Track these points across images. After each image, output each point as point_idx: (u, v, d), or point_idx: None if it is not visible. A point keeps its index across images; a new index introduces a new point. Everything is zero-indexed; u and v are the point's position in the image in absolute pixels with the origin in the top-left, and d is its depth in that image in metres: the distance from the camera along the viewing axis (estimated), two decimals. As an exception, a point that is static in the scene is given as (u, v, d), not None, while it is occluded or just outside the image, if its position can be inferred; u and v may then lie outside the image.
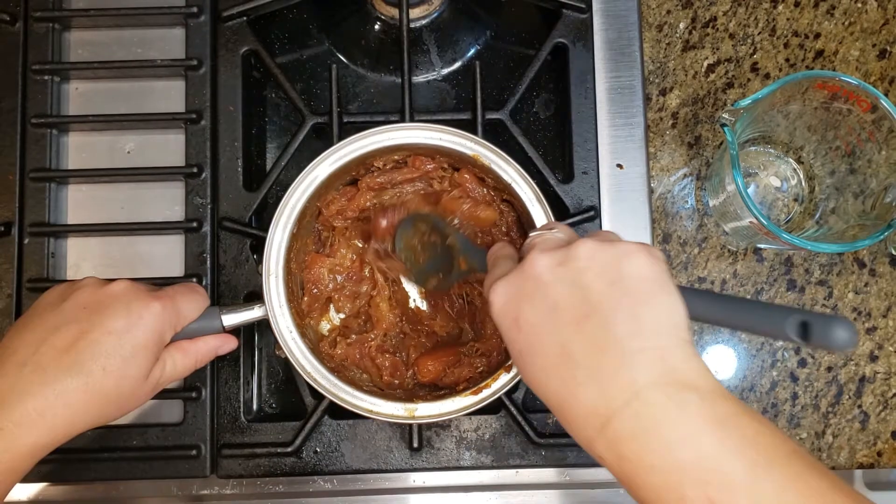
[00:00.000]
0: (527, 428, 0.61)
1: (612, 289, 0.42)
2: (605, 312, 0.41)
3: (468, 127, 0.63)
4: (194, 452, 0.61)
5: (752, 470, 0.37)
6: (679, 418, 0.38)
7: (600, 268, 0.42)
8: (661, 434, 0.38)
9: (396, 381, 0.61)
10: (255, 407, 0.65)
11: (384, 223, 0.59)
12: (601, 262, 0.43)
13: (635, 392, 0.39)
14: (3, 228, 0.64)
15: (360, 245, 0.65)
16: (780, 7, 0.70)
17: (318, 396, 0.62)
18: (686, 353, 0.40)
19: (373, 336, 0.62)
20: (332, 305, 0.64)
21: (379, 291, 0.64)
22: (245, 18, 0.67)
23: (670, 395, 0.39)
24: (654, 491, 0.38)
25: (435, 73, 0.72)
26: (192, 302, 0.54)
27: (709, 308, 0.44)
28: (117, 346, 0.49)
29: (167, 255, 0.66)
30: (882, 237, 0.56)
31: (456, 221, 0.60)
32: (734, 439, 0.38)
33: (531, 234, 0.50)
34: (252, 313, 0.57)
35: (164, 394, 0.59)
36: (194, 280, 0.63)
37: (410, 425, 0.62)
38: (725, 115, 0.57)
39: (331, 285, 0.63)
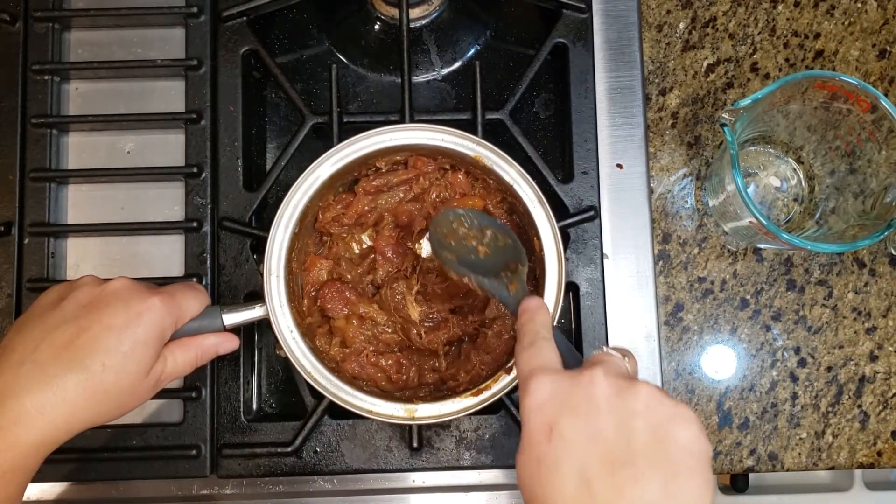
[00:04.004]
0: (527, 428, 0.61)
1: (656, 447, 0.40)
2: (643, 469, 0.40)
3: (468, 127, 0.63)
4: (194, 452, 0.61)
5: None
6: None
7: (654, 420, 0.41)
8: None
9: (404, 378, 0.61)
10: (255, 407, 0.65)
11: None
12: (657, 415, 0.41)
13: None
14: (3, 228, 0.64)
15: (357, 251, 0.64)
16: (780, 7, 0.70)
17: (318, 396, 0.62)
18: None
19: (362, 346, 0.62)
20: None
21: (337, 314, 0.62)
22: (245, 18, 0.67)
23: None
24: None
25: (435, 73, 0.72)
26: (193, 299, 0.54)
27: None
28: (117, 343, 0.49)
29: (167, 255, 0.66)
30: (882, 237, 0.56)
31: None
32: None
33: (602, 350, 0.47)
34: (253, 313, 0.57)
35: (164, 394, 0.59)
36: (194, 280, 0.63)
37: (410, 425, 0.62)
38: (725, 115, 0.57)
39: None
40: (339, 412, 0.59)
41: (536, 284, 0.60)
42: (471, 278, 0.54)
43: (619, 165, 0.66)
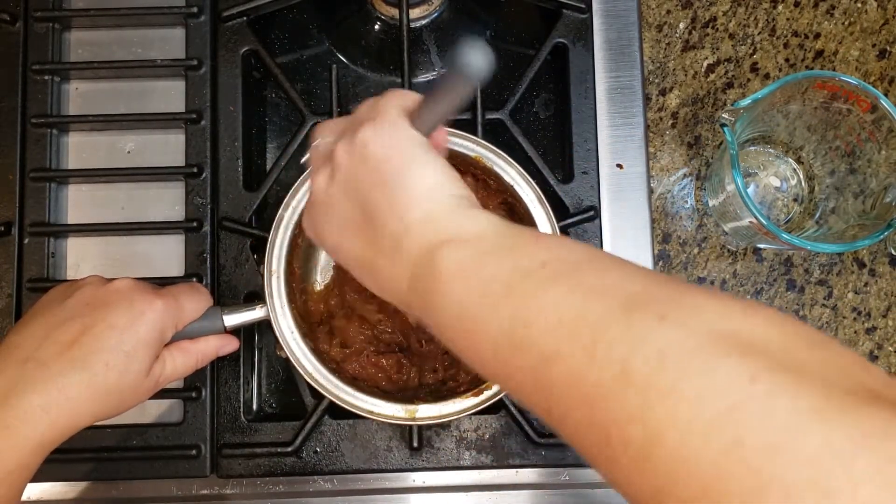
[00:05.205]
0: (527, 428, 0.61)
1: (368, 174, 0.41)
2: (371, 201, 0.41)
3: (468, 127, 0.63)
4: (194, 452, 0.61)
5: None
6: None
7: (356, 160, 0.42)
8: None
9: (404, 378, 0.61)
10: (255, 407, 0.65)
11: None
12: (356, 156, 0.42)
13: (415, 264, 0.39)
14: (3, 228, 0.64)
15: None
16: (780, 7, 0.70)
17: (319, 396, 0.62)
18: (459, 207, 0.39)
19: (363, 346, 0.62)
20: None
21: (337, 314, 0.62)
22: (245, 18, 0.67)
23: (452, 245, 0.38)
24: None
25: (435, 73, 0.72)
26: (195, 301, 0.54)
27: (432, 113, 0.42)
28: (119, 342, 0.49)
29: (167, 255, 0.66)
30: (882, 237, 0.56)
31: None
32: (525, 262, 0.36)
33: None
34: (254, 313, 0.57)
35: (164, 394, 0.59)
36: (194, 280, 0.63)
37: (411, 425, 0.62)
38: (725, 115, 0.57)
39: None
40: (339, 412, 0.59)
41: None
42: None
43: (619, 165, 0.66)
